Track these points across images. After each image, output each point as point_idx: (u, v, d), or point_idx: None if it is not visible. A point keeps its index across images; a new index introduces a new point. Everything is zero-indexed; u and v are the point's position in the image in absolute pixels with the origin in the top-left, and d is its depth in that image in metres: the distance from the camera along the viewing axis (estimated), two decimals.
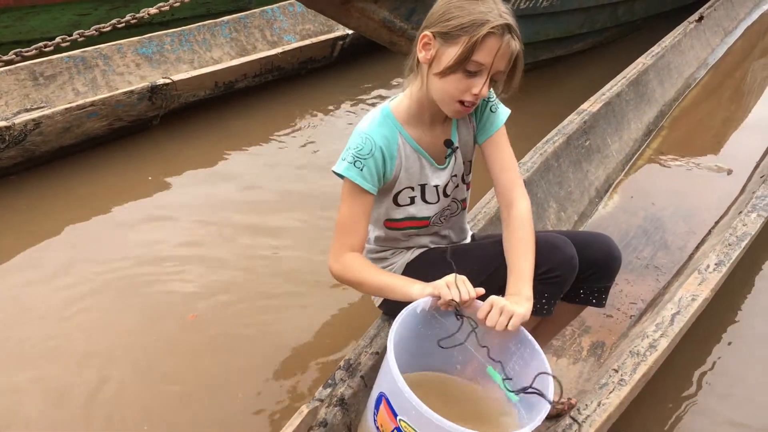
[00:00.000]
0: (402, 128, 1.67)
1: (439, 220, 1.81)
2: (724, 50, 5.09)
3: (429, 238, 1.84)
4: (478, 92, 1.51)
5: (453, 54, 1.49)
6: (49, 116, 3.20)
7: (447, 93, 1.54)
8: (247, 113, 4.07)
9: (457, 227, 1.89)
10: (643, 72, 3.85)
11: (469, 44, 1.46)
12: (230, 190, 3.29)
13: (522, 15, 4.01)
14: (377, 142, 1.62)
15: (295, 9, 5.19)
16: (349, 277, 1.64)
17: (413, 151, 1.68)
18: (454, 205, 1.82)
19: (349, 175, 1.61)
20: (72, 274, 2.64)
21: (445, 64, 1.50)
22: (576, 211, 2.94)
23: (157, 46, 4.37)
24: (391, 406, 1.44)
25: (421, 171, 1.71)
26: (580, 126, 3.13)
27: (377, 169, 1.62)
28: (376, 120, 1.66)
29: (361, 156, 1.61)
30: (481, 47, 1.47)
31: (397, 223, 1.77)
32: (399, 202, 1.74)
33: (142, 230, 2.94)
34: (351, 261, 1.63)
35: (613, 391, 1.67)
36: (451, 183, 1.76)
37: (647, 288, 2.55)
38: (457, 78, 1.51)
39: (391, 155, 1.65)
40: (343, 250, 1.63)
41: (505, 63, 1.51)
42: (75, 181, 3.26)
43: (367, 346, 1.83)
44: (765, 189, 2.63)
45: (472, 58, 1.47)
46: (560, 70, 4.90)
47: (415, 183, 1.72)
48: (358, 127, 1.67)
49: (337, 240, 1.65)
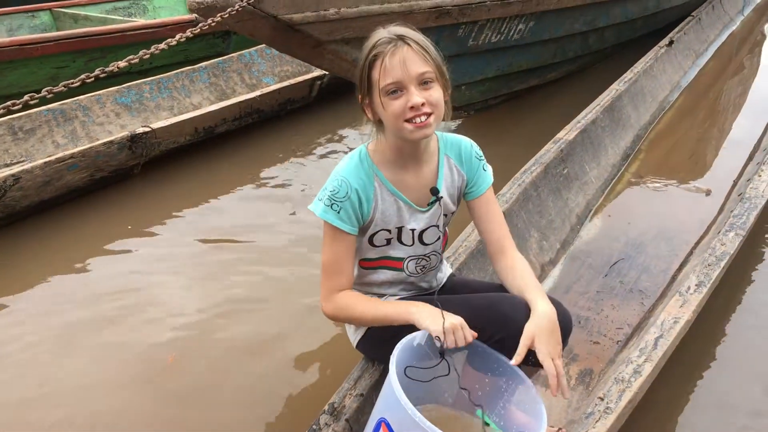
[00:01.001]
0: (378, 171, 1.68)
1: (416, 269, 1.81)
2: (696, 72, 5.18)
3: (402, 287, 1.84)
4: (413, 103, 1.53)
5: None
6: (28, 171, 3.19)
7: (392, 121, 1.57)
8: (228, 157, 4.08)
9: (433, 276, 1.90)
10: (617, 98, 3.91)
11: (365, 76, 1.56)
12: (211, 233, 3.28)
13: (494, 48, 4.09)
14: (353, 185, 1.64)
15: (272, 51, 5.25)
16: (344, 316, 1.69)
17: (390, 194, 1.69)
18: (434, 257, 1.83)
19: (326, 218, 1.63)
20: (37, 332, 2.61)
21: (373, 103, 1.58)
22: (558, 239, 2.95)
23: (136, 95, 4.40)
24: (390, 429, 1.43)
25: (398, 213, 1.71)
26: (557, 154, 3.16)
27: (354, 211, 1.64)
28: (353, 162, 1.68)
29: (338, 199, 1.63)
30: (374, 71, 1.54)
31: (372, 263, 1.77)
32: (375, 243, 1.74)
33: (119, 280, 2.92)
34: (342, 300, 1.66)
35: (599, 420, 1.65)
36: (429, 231, 1.77)
37: (632, 312, 2.55)
38: (389, 105, 1.55)
39: (368, 197, 1.66)
40: (333, 292, 1.66)
41: (414, 66, 1.53)
42: (53, 235, 3.24)
43: (351, 389, 1.82)
44: (741, 208, 2.66)
45: (381, 85, 1.53)
46: (534, 100, 4.96)
47: (392, 226, 1.73)
48: (336, 168, 1.69)
49: (324, 282, 1.67)
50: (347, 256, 1.66)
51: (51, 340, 2.56)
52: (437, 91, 1.56)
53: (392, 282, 1.82)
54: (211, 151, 4.09)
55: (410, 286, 1.85)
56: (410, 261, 1.78)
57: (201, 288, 2.86)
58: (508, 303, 1.64)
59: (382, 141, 1.68)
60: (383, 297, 1.82)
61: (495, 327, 1.61)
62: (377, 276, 1.80)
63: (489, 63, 4.18)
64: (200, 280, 2.92)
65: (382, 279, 1.81)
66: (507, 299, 1.66)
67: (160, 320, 2.66)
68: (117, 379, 2.36)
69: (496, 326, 1.61)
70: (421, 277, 1.84)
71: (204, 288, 2.87)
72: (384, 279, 1.81)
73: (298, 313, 2.68)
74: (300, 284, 2.88)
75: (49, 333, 2.59)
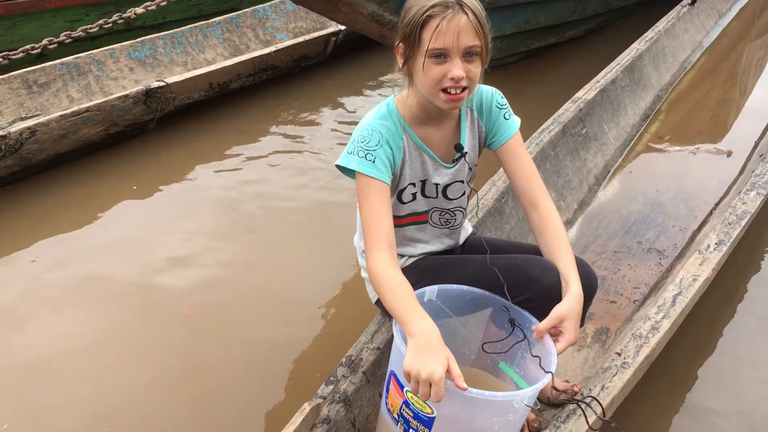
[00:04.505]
0: (406, 124, 1.66)
1: (440, 221, 1.81)
2: (719, 32, 5.06)
3: (429, 242, 1.84)
4: (454, 75, 1.49)
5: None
6: (44, 124, 3.19)
7: (428, 86, 1.53)
8: (244, 113, 4.06)
9: (459, 234, 1.89)
10: (638, 57, 3.83)
11: (416, 33, 1.49)
12: (227, 188, 3.28)
13: (512, 4, 4.01)
14: (383, 134, 1.61)
15: (286, 7, 5.17)
16: (374, 284, 1.57)
17: (416, 147, 1.67)
18: (459, 214, 1.82)
19: (361, 169, 1.58)
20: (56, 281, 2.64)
21: (414, 60, 1.53)
22: (575, 200, 2.93)
23: (149, 50, 4.36)
24: (398, 381, 1.45)
25: (422, 167, 1.70)
26: (575, 114, 3.11)
27: (388, 159, 1.61)
28: (380, 114, 1.65)
29: (370, 148, 1.59)
30: (426, 31, 1.48)
31: (401, 220, 1.77)
32: (403, 199, 1.73)
33: (134, 233, 2.94)
34: (378, 269, 1.54)
35: (617, 375, 1.66)
36: (454, 186, 1.75)
37: (650, 272, 2.53)
38: (429, 68, 1.50)
39: (398, 148, 1.64)
40: (374, 248, 1.57)
41: (466, 37, 1.48)
42: (70, 188, 3.25)
43: (368, 342, 1.83)
44: (764, 167, 2.62)
45: (429, 46, 1.48)
46: (553, 58, 4.88)
47: (417, 179, 1.71)
48: (362, 122, 1.66)
49: (367, 239, 1.59)
50: (384, 206, 1.59)
51: (67, 290, 2.59)
52: (477, 66, 1.53)
53: (419, 239, 1.82)
54: (226, 107, 4.07)
55: (437, 241, 1.84)
56: (434, 212, 1.78)
57: (218, 242, 2.88)
58: (536, 266, 1.63)
59: (410, 96, 1.64)
60: (413, 252, 1.83)
61: (521, 288, 1.61)
62: (405, 232, 1.80)
63: (506, 19, 4.10)
64: (217, 234, 2.93)
65: (409, 236, 1.80)
66: (536, 263, 1.65)
67: (178, 273, 2.68)
68: (133, 333, 2.39)
69: (521, 287, 1.61)
70: (447, 231, 1.83)
71: (220, 242, 2.88)
72: (411, 235, 1.81)
73: (317, 268, 2.69)
74: (318, 240, 2.89)
75: (63, 285, 2.62)
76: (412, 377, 1.33)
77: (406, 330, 1.41)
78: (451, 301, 1.66)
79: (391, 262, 1.55)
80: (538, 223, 1.70)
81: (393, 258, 1.57)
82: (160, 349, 2.31)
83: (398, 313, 1.46)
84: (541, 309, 1.58)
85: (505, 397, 1.36)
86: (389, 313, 1.54)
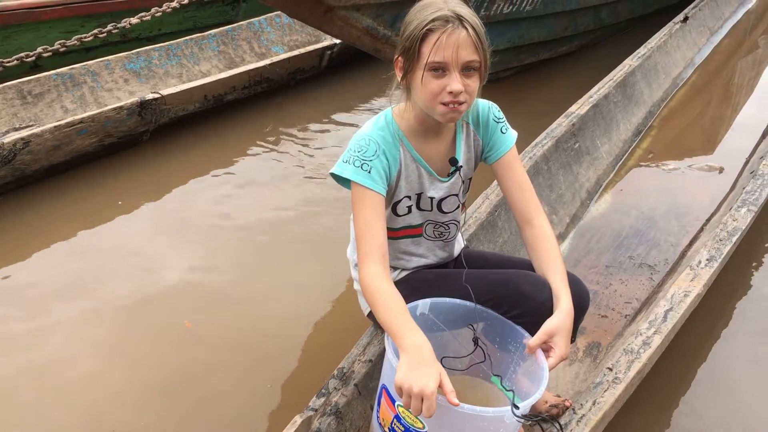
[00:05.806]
0: (403, 136, 1.66)
1: (434, 234, 1.81)
2: (711, 49, 5.11)
3: (423, 255, 1.84)
4: (453, 89, 1.50)
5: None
6: (38, 134, 3.18)
7: (426, 99, 1.54)
8: (238, 125, 4.06)
9: (452, 247, 1.90)
10: (630, 73, 3.87)
11: (416, 46, 1.50)
12: (220, 199, 3.28)
13: (506, 19, 4.04)
14: (381, 144, 1.62)
15: (282, 20, 5.20)
16: (366, 297, 1.57)
17: (413, 160, 1.68)
18: (453, 227, 1.83)
19: (357, 179, 1.58)
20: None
21: (413, 73, 1.54)
22: (568, 214, 2.94)
23: (145, 61, 4.37)
24: (390, 395, 1.44)
25: (419, 180, 1.71)
26: (568, 128, 3.14)
27: (384, 170, 1.61)
28: (378, 124, 1.66)
29: (367, 158, 1.59)
30: (426, 45, 1.49)
31: (395, 233, 1.77)
32: (398, 212, 1.74)
33: (127, 245, 2.93)
34: (370, 281, 1.54)
35: (608, 390, 1.66)
36: (448, 200, 1.76)
37: (641, 287, 2.54)
38: (428, 82, 1.51)
39: (394, 159, 1.64)
40: (367, 259, 1.57)
41: (465, 52, 1.49)
42: (63, 199, 3.24)
43: (360, 354, 1.83)
44: (754, 184, 2.64)
45: (428, 60, 1.49)
46: (546, 73, 4.92)
47: (413, 192, 1.72)
48: (359, 131, 1.66)
49: (360, 250, 1.59)
50: (380, 217, 1.59)
51: (61, 302, 2.58)
52: (476, 81, 1.54)
53: (414, 252, 1.82)
54: (220, 119, 4.07)
55: (431, 254, 1.85)
56: (428, 225, 1.79)
57: (210, 253, 2.87)
58: (528, 282, 1.64)
59: (408, 109, 1.65)
60: (406, 265, 1.83)
61: (512, 303, 1.62)
62: (400, 245, 1.80)
63: (500, 34, 4.13)
64: (209, 245, 2.93)
65: (404, 248, 1.81)
66: (527, 278, 1.65)
67: (170, 284, 2.67)
68: (131, 343, 2.38)
69: (513, 302, 1.62)
70: (441, 244, 1.84)
71: (213, 253, 2.88)
72: (406, 248, 1.81)
73: (309, 280, 2.69)
74: (311, 252, 2.89)
75: (57, 296, 2.61)
76: (404, 392, 1.33)
77: (399, 344, 1.41)
78: (443, 315, 1.67)
79: (384, 274, 1.55)
80: (532, 239, 1.71)
81: (385, 270, 1.57)
82: (154, 360, 2.30)
83: (391, 327, 1.46)
84: (532, 324, 1.58)
85: (496, 413, 1.36)
86: (381, 326, 1.54)
